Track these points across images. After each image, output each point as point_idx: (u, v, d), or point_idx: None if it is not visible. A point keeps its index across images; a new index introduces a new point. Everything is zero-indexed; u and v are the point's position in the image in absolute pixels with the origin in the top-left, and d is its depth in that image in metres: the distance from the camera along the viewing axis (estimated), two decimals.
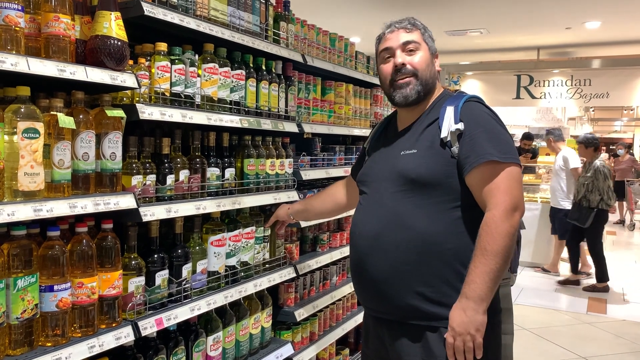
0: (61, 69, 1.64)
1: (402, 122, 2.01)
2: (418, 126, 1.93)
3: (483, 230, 1.73)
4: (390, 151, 1.96)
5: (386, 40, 1.95)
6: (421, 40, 1.93)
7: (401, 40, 1.91)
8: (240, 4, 2.46)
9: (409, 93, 1.89)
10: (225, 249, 2.35)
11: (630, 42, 8.68)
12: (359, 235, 1.95)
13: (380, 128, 2.16)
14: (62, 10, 1.69)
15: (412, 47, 1.91)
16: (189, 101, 2.18)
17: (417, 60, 1.90)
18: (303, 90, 3.12)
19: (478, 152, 1.76)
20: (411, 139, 1.91)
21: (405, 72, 1.89)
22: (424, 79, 1.90)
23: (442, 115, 1.86)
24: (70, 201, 1.67)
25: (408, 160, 1.86)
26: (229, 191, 2.39)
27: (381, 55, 1.97)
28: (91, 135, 1.78)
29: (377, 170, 1.98)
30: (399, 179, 1.86)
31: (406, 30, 1.92)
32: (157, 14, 1.96)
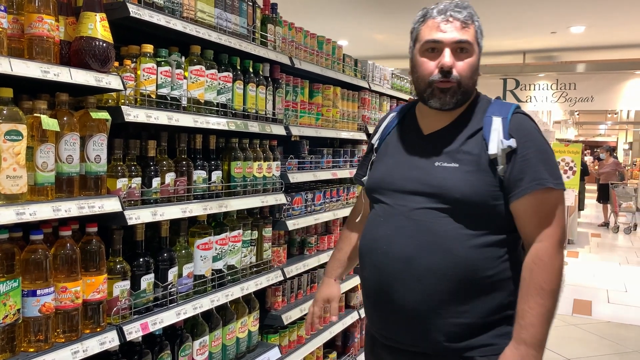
0: (45, 71, 1.62)
1: (428, 124, 1.73)
2: (454, 134, 1.66)
3: (537, 265, 1.54)
4: (418, 159, 1.68)
5: (437, 29, 1.60)
6: (474, 40, 1.63)
7: (455, 38, 1.59)
8: (227, 6, 2.44)
9: (448, 101, 1.62)
10: (212, 253, 2.34)
11: (614, 47, 8.80)
12: (383, 255, 1.65)
13: (392, 124, 1.85)
14: (45, 11, 1.66)
15: (464, 48, 1.61)
16: (175, 103, 2.17)
17: (466, 67, 1.62)
18: (291, 93, 3.11)
19: (533, 177, 1.56)
20: (448, 149, 1.64)
21: (451, 78, 1.60)
22: (466, 88, 1.63)
23: (487, 126, 1.62)
24: (54, 204, 1.65)
25: (447, 175, 1.60)
26: (215, 194, 2.37)
27: (424, 44, 1.63)
28: (75, 138, 1.76)
29: (401, 178, 1.69)
30: (435, 194, 1.60)
31: (463, 25, 1.60)
32: (143, 16, 1.94)
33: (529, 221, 1.58)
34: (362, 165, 1.93)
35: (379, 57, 10.10)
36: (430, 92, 1.64)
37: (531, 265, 1.56)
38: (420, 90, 1.68)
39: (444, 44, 1.60)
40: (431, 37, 1.61)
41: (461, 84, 1.61)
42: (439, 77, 1.60)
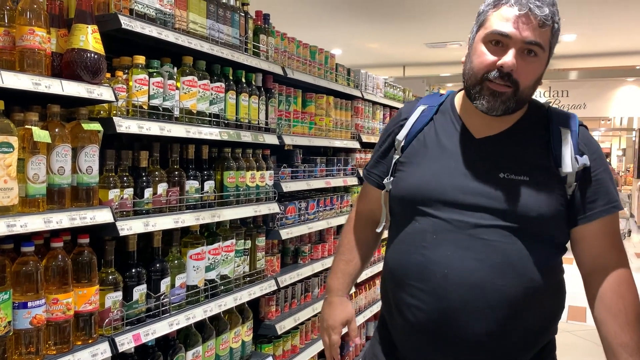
0: (36, 83, 1.62)
1: (478, 126, 1.48)
2: (516, 141, 1.45)
3: (629, 292, 1.41)
4: (475, 167, 1.43)
5: (509, 22, 1.35)
6: (547, 44, 1.38)
7: (527, 37, 1.34)
8: (219, 17, 2.46)
9: (497, 106, 1.39)
10: (205, 263, 2.34)
11: (605, 55, 8.87)
12: (443, 279, 1.38)
13: (425, 120, 1.56)
14: (37, 24, 1.67)
15: (533, 50, 1.37)
16: (168, 114, 2.17)
17: (529, 72, 1.38)
18: (284, 102, 3.12)
19: (608, 199, 1.42)
20: (513, 160, 1.43)
21: (507, 81, 1.36)
22: (522, 96, 1.40)
23: (556, 138, 1.43)
24: (45, 216, 1.64)
25: (518, 189, 1.39)
26: (208, 204, 2.38)
27: (490, 34, 1.38)
28: (67, 149, 1.76)
29: (456, 189, 1.42)
30: (505, 211, 1.38)
31: (540, 24, 1.34)
32: (134, 27, 1.95)
33: (599, 244, 1.44)
34: (378, 163, 1.65)
35: (373, 65, 10.15)
36: (479, 89, 1.40)
37: (623, 293, 1.40)
38: (469, 84, 1.43)
39: (512, 40, 1.35)
40: (500, 30, 1.35)
41: (518, 91, 1.38)
42: (495, 75, 1.36)
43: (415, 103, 1.62)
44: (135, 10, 2.01)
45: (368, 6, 6.52)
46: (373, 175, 1.67)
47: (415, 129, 1.55)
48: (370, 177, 1.69)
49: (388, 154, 1.61)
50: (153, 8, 2.09)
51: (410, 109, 1.60)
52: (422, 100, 1.63)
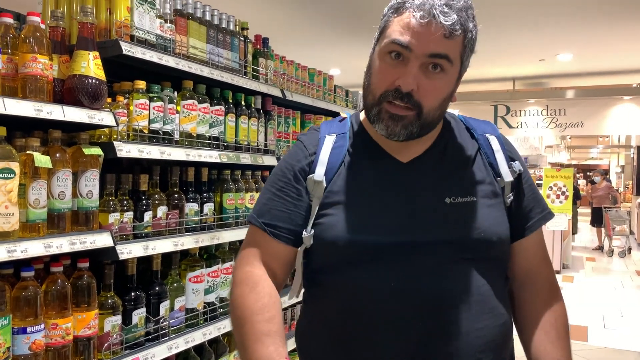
0: (38, 109, 1.64)
1: (399, 148, 1.25)
2: (446, 158, 1.26)
3: (559, 305, 1.29)
4: (414, 196, 1.20)
5: (410, 30, 1.11)
6: (457, 56, 1.15)
7: (429, 49, 1.11)
8: (219, 41, 2.50)
9: (398, 131, 1.17)
10: (204, 285, 2.34)
11: (601, 73, 8.95)
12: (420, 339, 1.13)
13: (341, 151, 1.27)
14: (39, 51, 1.70)
15: (439, 65, 1.13)
16: (168, 137, 2.20)
17: (433, 91, 1.15)
18: (282, 124, 3.15)
19: (542, 207, 1.31)
20: (451, 180, 1.23)
21: (408, 102, 1.14)
22: (428, 119, 1.17)
23: (486, 146, 1.28)
24: (45, 241, 1.66)
25: (471, 213, 1.19)
26: (207, 226, 2.39)
27: (388, 44, 1.14)
28: (68, 174, 1.78)
29: (403, 226, 1.17)
30: (463, 241, 1.17)
31: (446, 33, 1.10)
32: (135, 53, 1.98)
33: (534, 255, 1.31)
34: (285, 213, 1.23)
35: None
36: (377, 112, 1.17)
37: (554, 306, 1.28)
38: (367, 105, 1.22)
39: (413, 54, 1.12)
40: (399, 39, 1.12)
41: (422, 114, 1.15)
42: (392, 95, 1.14)
43: (316, 133, 1.32)
44: (136, 36, 2.04)
45: (366, 27, 6.60)
46: (281, 230, 1.22)
47: (333, 164, 1.24)
48: (278, 232, 1.22)
49: (299, 200, 1.24)
50: (154, 34, 2.12)
51: (316, 141, 1.29)
52: (323, 128, 1.32)
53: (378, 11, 1.23)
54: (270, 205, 1.25)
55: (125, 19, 2.01)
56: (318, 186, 1.22)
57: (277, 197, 1.26)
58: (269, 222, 1.23)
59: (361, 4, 5.69)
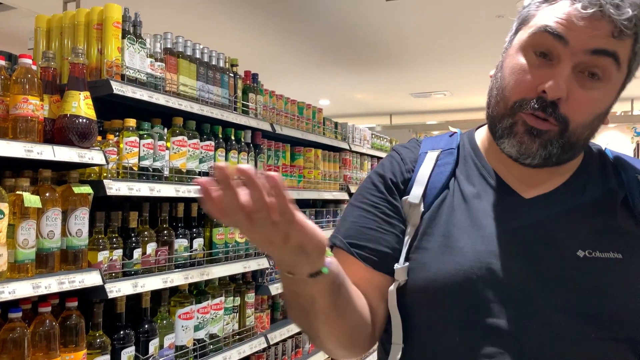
0: (28, 150, 1.66)
1: (522, 180, 0.98)
2: (585, 199, 0.96)
3: None
4: (535, 242, 0.92)
5: (567, 20, 0.86)
6: (625, 59, 0.88)
7: (591, 45, 0.86)
8: (209, 78, 2.53)
9: (533, 150, 0.91)
10: (194, 322, 2.32)
11: None
12: None
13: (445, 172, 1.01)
14: (31, 92, 1.72)
15: (598, 70, 0.87)
16: (157, 174, 2.21)
17: (586, 105, 0.89)
18: (272, 157, 3.18)
19: None
20: (586, 226, 0.93)
21: (551, 115, 0.88)
22: (571, 140, 0.91)
23: (634, 191, 0.96)
24: (34, 281, 1.65)
25: (613, 274, 0.89)
26: (197, 262, 2.38)
27: (534, 35, 0.90)
28: (57, 213, 1.78)
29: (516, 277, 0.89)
30: (598, 312, 0.87)
31: (616, 30, 0.85)
32: (126, 92, 2.01)
33: None
34: (373, 232, 0.98)
35: (360, 114, 10.33)
36: (509, 124, 0.92)
37: None
38: (494, 114, 0.96)
39: (569, 49, 0.86)
40: (552, 27, 0.87)
41: (566, 132, 0.89)
42: (532, 105, 0.89)
43: (416, 146, 1.08)
44: (127, 75, 2.07)
45: (354, 59, 6.71)
46: (371, 252, 0.97)
47: (434, 185, 1.00)
48: (366, 254, 0.97)
49: (395, 219, 0.99)
50: (144, 72, 2.16)
51: (415, 156, 1.05)
52: (425, 143, 1.08)
53: (367, 43, 1.24)
54: (359, 223, 1.00)
55: (116, 58, 2.04)
56: (414, 210, 0.98)
57: (367, 213, 1.00)
58: (356, 242, 0.98)
59: (349, 36, 5.79)
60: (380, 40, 5.87)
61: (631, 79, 0.94)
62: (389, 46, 6.08)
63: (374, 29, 5.52)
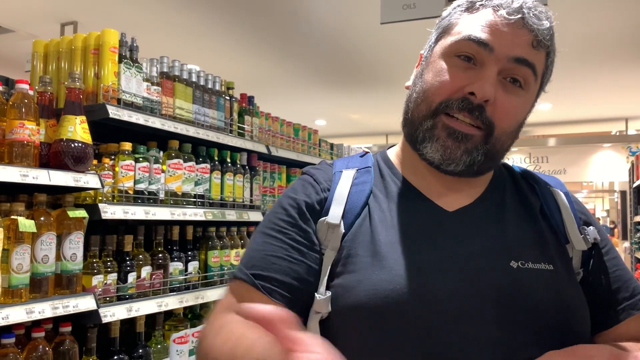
0: (24, 174, 1.66)
1: (442, 193, 0.95)
2: (507, 210, 0.95)
3: None
4: (465, 255, 0.88)
5: (491, 27, 0.88)
6: (540, 71, 0.92)
7: (515, 53, 0.87)
8: (205, 101, 2.55)
9: (457, 155, 0.89)
10: (188, 346, 2.30)
11: (580, 122, 9.19)
12: None
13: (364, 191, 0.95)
14: (27, 117, 1.73)
15: (519, 78, 0.89)
16: (153, 197, 2.21)
17: (511, 111, 0.90)
18: (268, 179, 3.19)
19: (633, 289, 0.96)
20: (515, 238, 0.91)
21: (478, 118, 0.87)
22: (495, 147, 0.91)
23: (550, 203, 0.98)
24: (27, 306, 1.64)
25: (549, 287, 0.86)
26: (192, 285, 2.37)
27: (458, 43, 0.90)
28: (52, 237, 1.78)
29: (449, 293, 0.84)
30: (540, 323, 0.84)
31: (535, 41, 0.88)
32: (122, 116, 2.02)
33: None
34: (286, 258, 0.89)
35: (356, 134, 10.38)
36: (430, 126, 0.90)
37: None
38: (413, 119, 0.94)
39: (494, 55, 0.87)
40: (477, 35, 0.88)
41: (491, 137, 0.89)
42: (460, 106, 0.87)
43: (328, 166, 1.01)
44: (123, 99, 2.09)
45: (349, 79, 6.77)
46: (277, 284, 0.87)
47: (353, 204, 0.93)
48: (272, 286, 0.86)
49: (307, 247, 0.90)
50: (140, 96, 2.17)
51: (329, 175, 0.98)
52: (338, 163, 1.02)
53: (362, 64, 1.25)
54: (266, 251, 0.90)
55: (113, 83, 2.06)
56: (333, 232, 0.90)
57: (275, 240, 0.90)
58: (261, 273, 0.87)
59: (345, 57, 5.85)
60: (376, 61, 5.93)
61: (540, 94, 0.97)
62: (385, 67, 6.14)
63: (369, 49, 5.58)
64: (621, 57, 5.78)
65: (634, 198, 6.79)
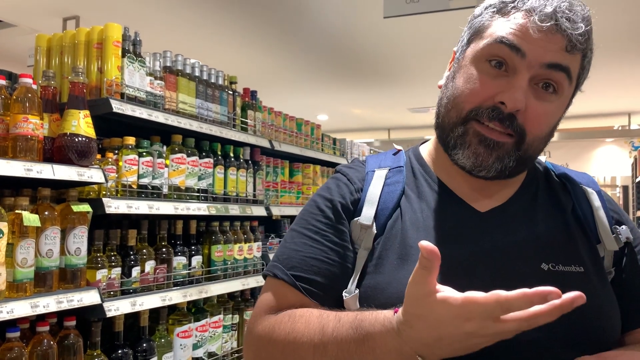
0: (28, 169, 1.66)
1: (473, 193, 0.96)
2: (539, 210, 0.95)
3: None
4: (496, 256, 0.88)
5: (522, 31, 0.86)
6: (575, 74, 0.90)
7: (548, 59, 0.86)
8: (208, 96, 2.55)
9: (489, 163, 0.89)
10: (192, 340, 2.31)
11: (584, 117, 9.17)
12: None
13: (395, 191, 0.96)
14: (31, 112, 1.73)
15: (553, 82, 0.88)
16: (156, 192, 2.21)
17: (543, 118, 0.89)
18: (271, 174, 3.19)
19: None
20: (545, 238, 0.91)
21: (509, 127, 0.87)
22: (527, 153, 0.90)
23: (583, 202, 0.97)
24: (32, 301, 1.64)
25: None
26: (195, 280, 2.38)
27: (489, 46, 0.88)
28: (56, 232, 1.78)
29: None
30: (570, 329, 0.82)
31: (569, 45, 0.86)
32: (125, 110, 2.02)
33: None
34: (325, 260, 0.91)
35: (359, 129, 10.37)
36: (462, 133, 0.90)
37: None
38: (446, 123, 0.93)
39: (526, 61, 0.86)
40: (509, 39, 0.86)
41: (523, 144, 0.88)
42: (490, 115, 0.86)
43: (361, 165, 1.03)
44: (127, 94, 2.08)
45: (352, 74, 6.76)
46: (320, 286, 0.89)
47: (385, 205, 0.94)
48: (314, 289, 0.89)
49: (344, 247, 0.92)
50: (143, 91, 2.17)
51: (362, 175, 1.00)
52: (370, 162, 1.03)
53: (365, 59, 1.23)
54: (305, 252, 0.91)
55: (116, 77, 2.06)
56: (366, 233, 0.92)
57: (313, 242, 0.92)
58: (303, 275, 0.89)
59: (348, 52, 5.84)
60: (379, 55, 5.92)
61: (575, 94, 0.96)
62: (387, 62, 6.12)
63: (372, 44, 5.57)
64: (624, 51, 5.75)
65: (637, 193, 6.78)
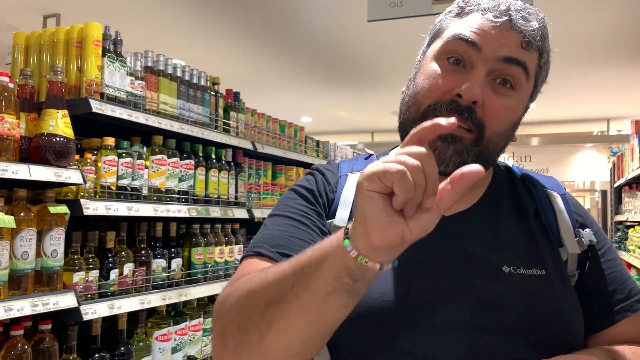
0: (3, 169, 1.63)
1: None
2: (503, 215, 0.97)
3: None
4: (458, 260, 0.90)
5: (479, 28, 0.89)
6: (533, 71, 0.92)
7: (502, 53, 0.88)
8: (190, 97, 2.52)
9: (447, 157, 0.87)
10: (171, 344, 2.28)
11: (563, 122, 9.30)
12: None
13: None
14: (7, 111, 1.70)
15: (509, 77, 0.90)
16: (136, 193, 2.18)
17: (501, 112, 0.89)
18: (253, 176, 3.17)
19: (629, 290, 0.96)
20: (508, 243, 0.93)
21: (468, 119, 0.87)
22: (486, 150, 0.90)
23: (546, 206, 0.99)
24: (5, 304, 1.61)
25: (540, 292, 0.88)
26: (175, 282, 2.35)
27: (447, 44, 0.91)
28: (32, 233, 1.74)
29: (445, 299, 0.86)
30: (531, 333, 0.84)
31: (524, 41, 0.89)
32: (105, 111, 1.99)
33: None
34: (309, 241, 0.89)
35: (342, 131, 10.38)
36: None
37: None
38: (405, 123, 0.94)
39: (482, 55, 0.88)
40: (464, 34, 0.89)
41: (482, 139, 0.88)
42: (446, 107, 0.87)
43: (335, 168, 1.04)
44: (107, 93, 2.06)
45: (336, 77, 6.76)
46: None
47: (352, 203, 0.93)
48: None
49: (324, 234, 0.93)
50: (124, 91, 2.14)
51: (336, 177, 1.01)
52: (343, 165, 1.04)
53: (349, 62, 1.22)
54: (289, 232, 0.90)
55: (96, 77, 2.03)
56: (329, 230, 0.92)
57: (298, 223, 0.92)
58: (287, 252, 0.85)
59: (332, 54, 5.84)
60: (362, 58, 5.93)
61: (537, 95, 0.98)
62: (371, 65, 6.14)
63: (356, 47, 5.57)
64: (603, 58, 5.84)
65: (615, 198, 6.88)
